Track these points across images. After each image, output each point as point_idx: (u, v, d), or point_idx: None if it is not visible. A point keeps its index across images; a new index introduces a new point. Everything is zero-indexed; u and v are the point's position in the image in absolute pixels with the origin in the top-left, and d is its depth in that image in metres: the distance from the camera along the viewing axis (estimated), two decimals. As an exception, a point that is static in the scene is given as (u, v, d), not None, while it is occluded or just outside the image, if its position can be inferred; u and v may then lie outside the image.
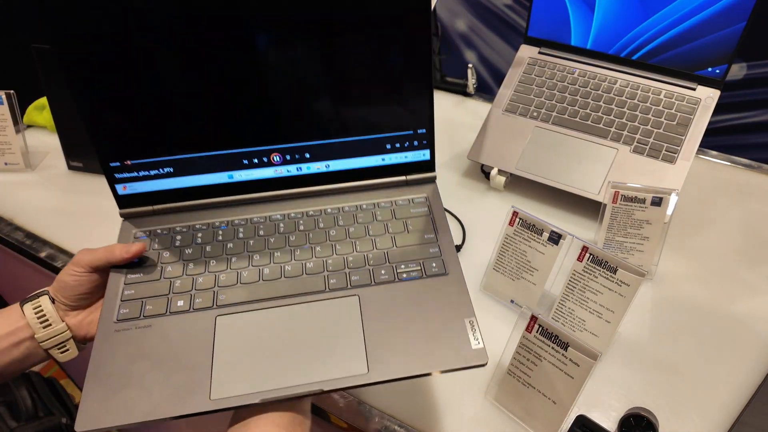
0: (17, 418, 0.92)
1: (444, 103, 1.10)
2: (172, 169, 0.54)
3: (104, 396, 0.43)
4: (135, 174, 0.54)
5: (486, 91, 1.15)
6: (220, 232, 0.54)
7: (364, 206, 0.56)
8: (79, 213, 0.84)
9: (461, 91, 1.11)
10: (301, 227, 0.54)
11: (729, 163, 0.91)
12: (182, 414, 0.42)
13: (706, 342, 0.64)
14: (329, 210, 0.55)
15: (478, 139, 0.88)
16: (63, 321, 0.51)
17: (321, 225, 0.54)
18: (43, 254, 0.79)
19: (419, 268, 0.51)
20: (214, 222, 0.54)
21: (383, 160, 0.56)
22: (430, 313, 0.48)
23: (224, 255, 0.52)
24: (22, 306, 0.51)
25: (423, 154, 0.57)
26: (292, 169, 0.55)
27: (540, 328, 0.51)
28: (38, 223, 0.83)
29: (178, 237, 0.54)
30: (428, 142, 0.57)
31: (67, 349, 0.52)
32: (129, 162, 0.53)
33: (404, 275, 0.50)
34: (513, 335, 0.54)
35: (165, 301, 0.49)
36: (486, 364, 0.45)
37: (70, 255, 0.79)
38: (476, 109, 1.07)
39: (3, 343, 0.49)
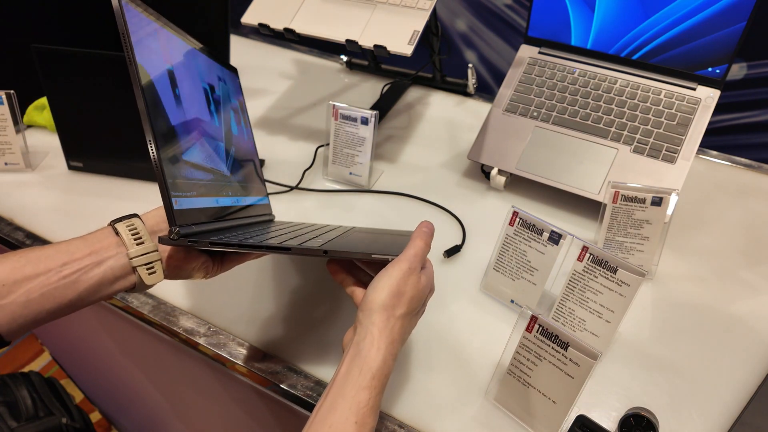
0: (17, 418, 0.92)
1: (444, 103, 1.10)
2: None
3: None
4: None
5: (486, 91, 1.15)
6: None
7: None
8: (79, 213, 0.84)
9: (461, 91, 1.11)
10: None
11: (729, 163, 0.91)
12: None
13: (706, 342, 0.64)
14: None
15: (478, 139, 0.88)
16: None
17: None
18: (43, 254, 0.79)
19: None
20: None
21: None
22: None
23: None
24: (113, 224, 0.49)
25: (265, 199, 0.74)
26: None
27: (540, 328, 0.51)
28: (38, 223, 0.83)
29: None
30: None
31: (155, 271, 0.49)
32: None
33: None
34: (513, 335, 0.54)
35: None
36: None
37: (70, 255, 0.79)
38: (476, 109, 1.07)
39: (85, 261, 0.46)
